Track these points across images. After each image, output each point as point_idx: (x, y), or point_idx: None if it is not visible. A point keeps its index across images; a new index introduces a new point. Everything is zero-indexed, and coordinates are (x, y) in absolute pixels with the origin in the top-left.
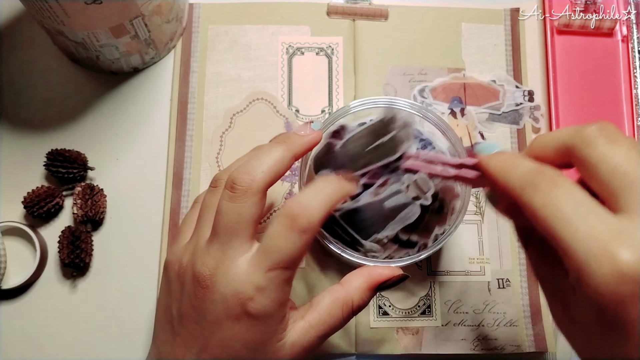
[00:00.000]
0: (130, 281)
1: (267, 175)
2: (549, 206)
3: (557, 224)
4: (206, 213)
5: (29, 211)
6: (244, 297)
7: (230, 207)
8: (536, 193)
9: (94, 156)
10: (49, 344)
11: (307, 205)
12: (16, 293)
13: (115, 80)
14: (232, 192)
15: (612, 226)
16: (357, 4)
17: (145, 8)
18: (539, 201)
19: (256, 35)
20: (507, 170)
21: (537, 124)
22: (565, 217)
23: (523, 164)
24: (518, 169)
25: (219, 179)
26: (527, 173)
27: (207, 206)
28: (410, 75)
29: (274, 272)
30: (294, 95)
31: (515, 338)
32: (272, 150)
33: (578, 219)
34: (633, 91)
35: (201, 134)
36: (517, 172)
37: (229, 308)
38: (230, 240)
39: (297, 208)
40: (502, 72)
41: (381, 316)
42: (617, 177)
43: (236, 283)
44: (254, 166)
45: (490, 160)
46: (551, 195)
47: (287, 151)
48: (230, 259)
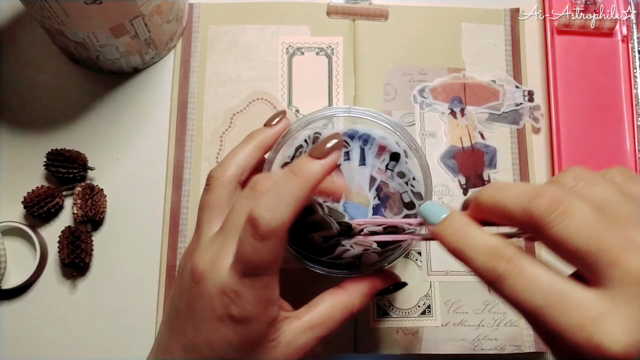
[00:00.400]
0: (130, 281)
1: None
2: (522, 301)
3: (538, 315)
4: (206, 211)
5: (29, 211)
6: (227, 300)
7: (244, 206)
8: (504, 285)
9: (94, 156)
10: (49, 344)
11: (267, 209)
12: (16, 293)
13: (115, 80)
14: (251, 191)
15: (590, 311)
16: (357, 4)
17: (145, 8)
18: (509, 293)
19: (256, 35)
20: (465, 249)
21: (537, 124)
22: (541, 310)
23: (480, 241)
24: (478, 247)
25: (211, 177)
26: (488, 257)
27: (206, 205)
28: (410, 75)
29: (248, 278)
30: (294, 95)
31: (515, 338)
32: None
33: (554, 309)
34: (633, 91)
35: (201, 134)
36: (477, 252)
37: (214, 308)
38: (233, 237)
39: (257, 213)
40: (502, 72)
41: (381, 316)
42: (581, 257)
43: (223, 282)
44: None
45: (443, 233)
46: (519, 286)
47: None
48: (225, 256)
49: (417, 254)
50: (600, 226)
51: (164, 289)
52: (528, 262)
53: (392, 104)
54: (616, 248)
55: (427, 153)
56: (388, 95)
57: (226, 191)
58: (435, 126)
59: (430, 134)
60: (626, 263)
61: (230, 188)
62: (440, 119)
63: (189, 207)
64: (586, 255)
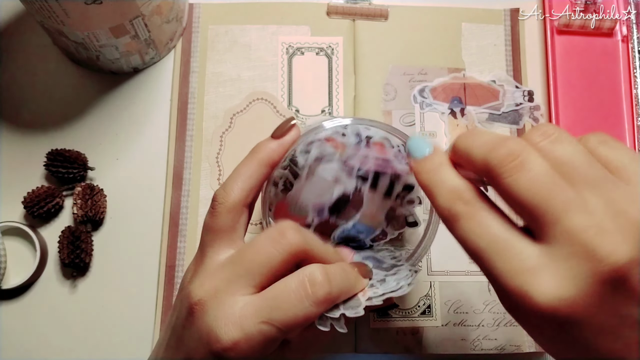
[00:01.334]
0: (130, 281)
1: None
2: (469, 242)
3: (480, 257)
4: (210, 235)
5: (29, 211)
6: (223, 342)
7: (266, 248)
8: (456, 225)
9: (94, 156)
10: (49, 344)
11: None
12: (16, 293)
13: (115, 80)
14: (279, 237)
15: (527, 262)
16: (357, 4)
17: (145, 8)
18: (460, 233)
19: (256, 35)
20: (432, 186)
21: (537, 124)
22: (483, 253)
23: (447, 181)
24: (443, 186)
25: (215, 201)
26: (449, 197)
27: (211, 229)
28: (411, 75)
29: (267, 327)
30: (294, 96)
31: (515, 338)
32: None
33: (496, 254)
34: (633, 91)
35: (201, 134)
36: (442, 190)
37: (202, 346)
38: (244, 277)
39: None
40: (502, 72)
41: (381, 316)
42: (528, 211)
43: (225, 319)
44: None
45: (419, 168)
46: (468, 228)
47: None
48: (232, 293)
49: None
50: (551, 184)
51: (164, 289)
52: (483, 208)
53: (392, 104)
54: (562, 207)
55: None
56: (388, 95)
57: (231, 217)
58: (435, 126)
59: (431, 134)
60: (568, 222)
61: (235, 213)
62: (440, 119)
63: (189, 207)
64: (533, 210)
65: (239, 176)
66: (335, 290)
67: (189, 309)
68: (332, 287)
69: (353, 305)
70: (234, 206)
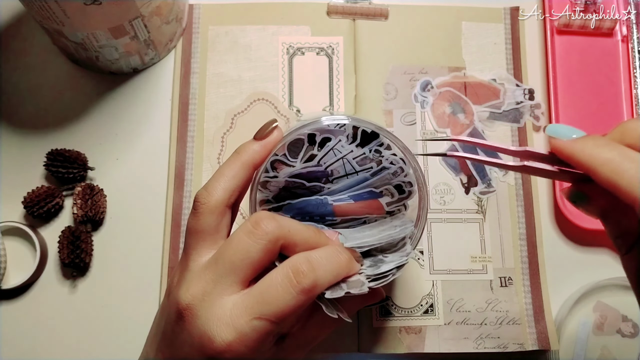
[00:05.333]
0: (130, 281)
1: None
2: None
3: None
4: (193, 237)
5: (29, 211)
6: (217, 344)
7: (243, 242)
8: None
9: (94, 156)
10: (49, 344)
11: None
12: (16, 293)
13: (115, 80)
14: (253, 228)
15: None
16: (357, 4)
17: (145, 9)
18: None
19: (256, 35)
20: (615, 166)
21: (538, 123)
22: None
23: (634, 159)
24: (632, 166)
25: (198, 201)
26: (623, 157)
27: (194, 231)
28: (411, 74)
29: (260, 322)
30: (295, 96)
31: (518, 336)
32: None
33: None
34: (633, 91)
35: (202, 134)
36: (630, 170)
37: (196, 351)
38: (229, 276)
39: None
40: (503, 71)
41: (384, 315)
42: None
43: (216, 321)
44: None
45: (581, 147)
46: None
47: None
48: (219, 295)
49: (420, 252)
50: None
51: (165, 290)
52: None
53: (393, 103)
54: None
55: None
56: (389, 95)
57: (213, 217)
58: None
59: (432, 133)
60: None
61: (218, 214)
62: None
63: (191, 208)
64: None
65: (222, 177)
66: (322, 276)
67: (177, 314)
68: (317, 275)
69: (355, 284)
70: (217, 207)
